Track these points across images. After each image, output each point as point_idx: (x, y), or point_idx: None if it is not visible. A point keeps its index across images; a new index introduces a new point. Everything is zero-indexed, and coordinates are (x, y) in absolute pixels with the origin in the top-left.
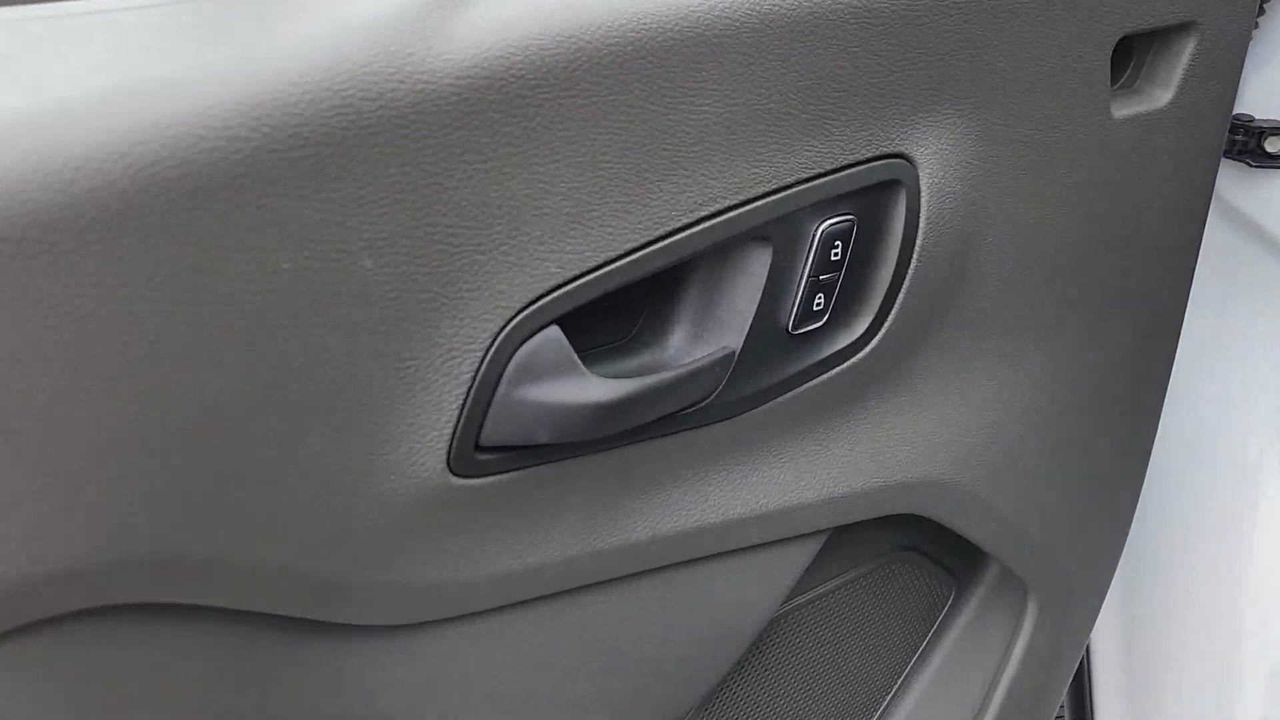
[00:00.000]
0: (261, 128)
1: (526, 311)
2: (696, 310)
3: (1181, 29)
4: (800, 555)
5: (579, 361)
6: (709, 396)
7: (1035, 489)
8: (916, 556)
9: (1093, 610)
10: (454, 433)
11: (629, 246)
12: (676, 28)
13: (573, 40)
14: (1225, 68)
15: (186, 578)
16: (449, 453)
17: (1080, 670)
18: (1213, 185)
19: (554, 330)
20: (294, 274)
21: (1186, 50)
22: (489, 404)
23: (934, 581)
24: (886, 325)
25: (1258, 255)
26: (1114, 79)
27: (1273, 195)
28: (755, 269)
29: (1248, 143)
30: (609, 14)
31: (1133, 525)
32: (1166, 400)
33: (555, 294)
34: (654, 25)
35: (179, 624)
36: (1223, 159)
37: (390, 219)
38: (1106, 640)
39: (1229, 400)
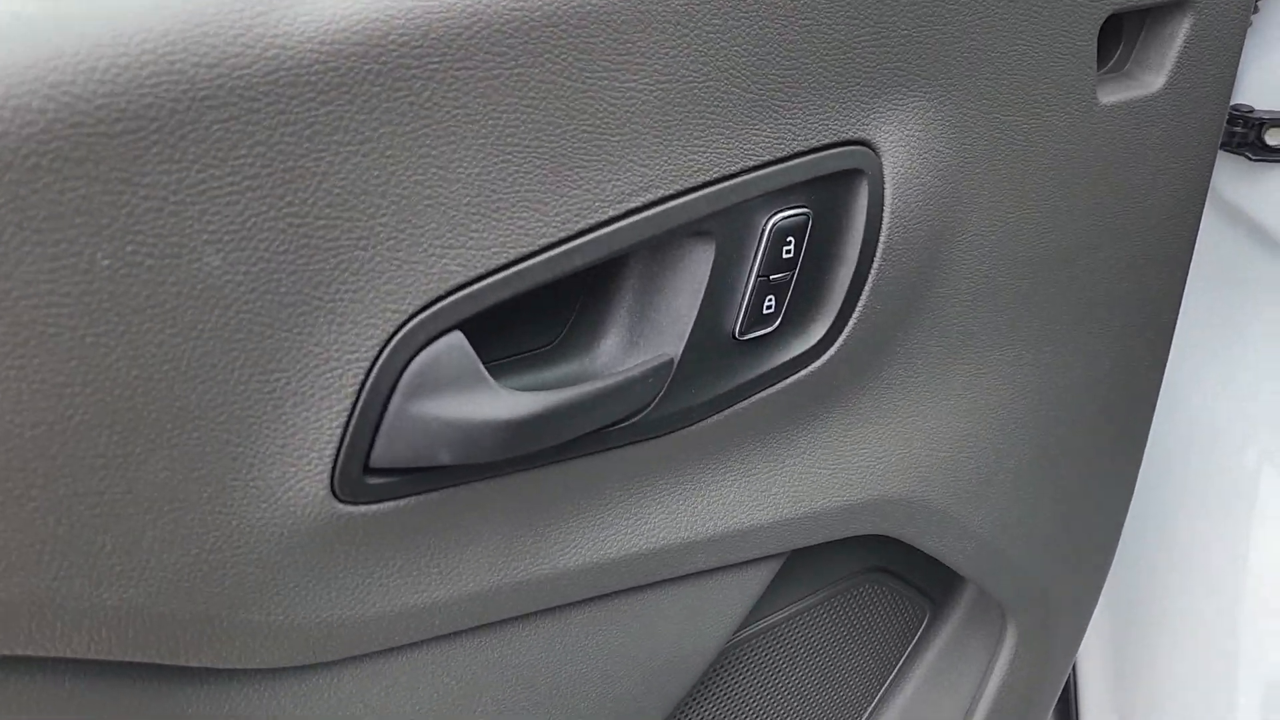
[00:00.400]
0: (60, 98)
1: (422, 315)
2: (631, 313)
3: (1176, 7)
4: (754, 581)
5: (485, 372)
6: (644, 410)
7: (1014, 507)
8: (886, 577)
9: (1076, 634)
10: (338, 454)
11: (545, 242)
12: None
13: (469, 3)
14: (1223, 51)
15: (11, 626)
16: (333, 476)
17: (1066, 684)
18: (1209, 178)
19: (456, 337)
20: (116, 272)
21: (1181, 31)
22: (379, 421)
23: (906, 604)
24: (846, 331)
25: (1256, 254)
26: (1101, 62)
27: (1273, 190)
28: (696, 268)
29: (1247, 135)
30: None
31: (1123, 534)
32: (1159, 405)
33: (456, 295)
34: None
35: (25, 677)
36: (1220, 152)
37: (241, 209)
38: (1094, 653)
39: (1225, 405)
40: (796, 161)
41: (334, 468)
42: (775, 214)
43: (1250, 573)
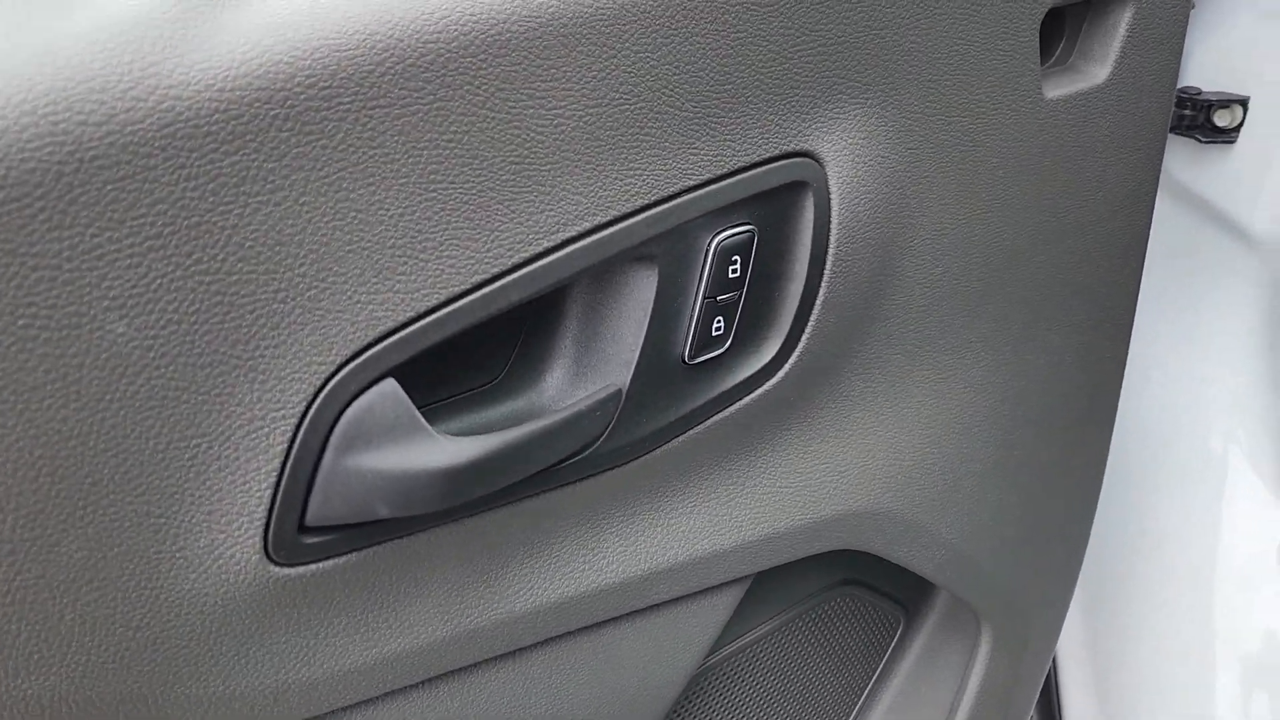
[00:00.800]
0: None
1: (351, 365)
2: (576, 343)
3: None
4: (720, 606)
5: (421, 419)
6: (594, 443)
7: (981, 511)
8: (858, 589)
9: (1052, 633)
10: (270, 515)
11: (478, 279)
12: (513, 20)
13: (379, 39)
14: (1167, 38)
15: None
16: (266, 539)
17: (1048, 679)
18: (1159, 166)
19: (389, 385)
20: (8, 349)
21: (1123, 20)
22: (312, 478)
23: (879, 614)
24: (799, 347)
25: (1209, 234)
26: (1045, 56)
27: (1223, 171)
28: (640, 293)
29: (1195, 117)
30: (426, 6)
31: (1094, 526)
32: (1123, 394)
33: (387, 342)
34: (485, 18)
35: None
36: (1171, 135)
37: (144, 271)
38: (1073, 646)
39: (1186, 389)
40: (738, 178)
41: (267, 530)
42: (719, 233)
43: (1221, 554)
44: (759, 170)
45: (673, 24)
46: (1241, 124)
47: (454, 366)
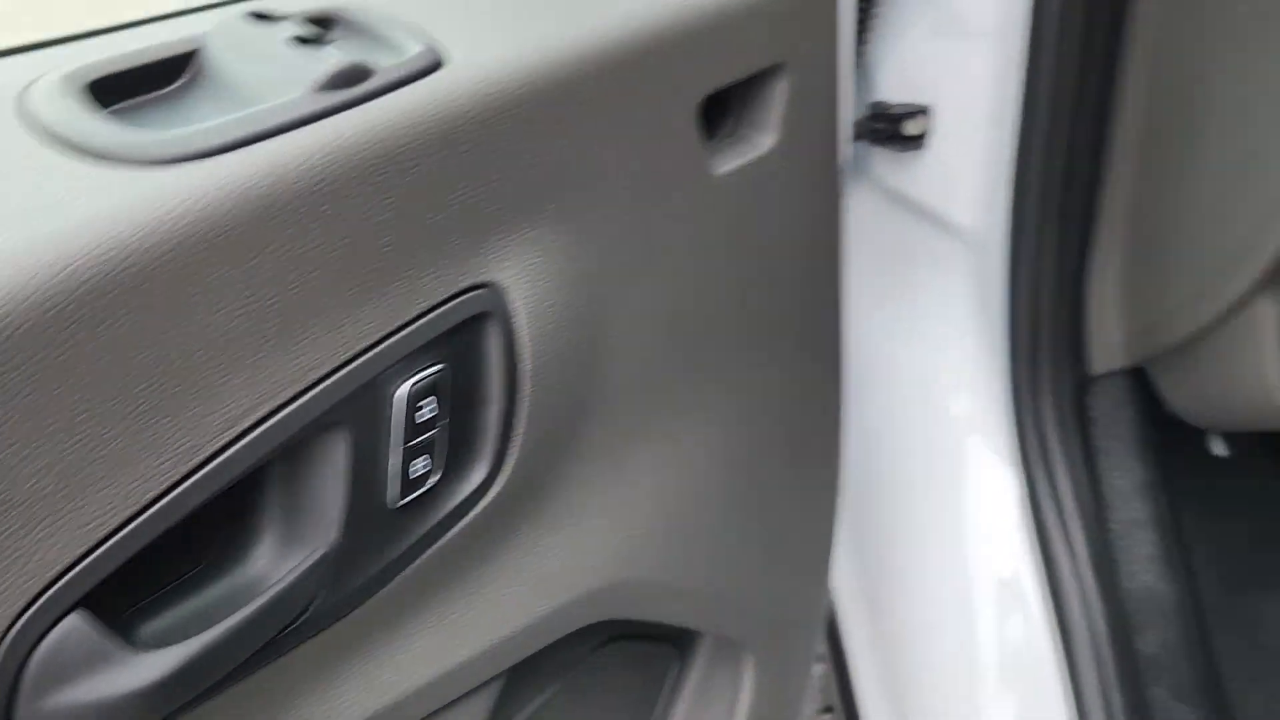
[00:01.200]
0: None
1: (28, 614)
2: (280, 514)
3: (768, 73)
4: (478, 707)
5: (114, 642)
6: (307, 609)
7: (723, 554)
8: (626, 642)
9: (810, 643)
10: None
11: (152, 495)
12: (137, 253)
13: None
14: (823, 100)
15: None
16: None
17: (833, 633)
18: (840, 208)
19: (73, 619)
20: None
21: (778, 92)
22: None
23: (652, 660)
24: (508, 465)
25: (922, 231)
26: (714, 131)
27: (921, 173)
28: (334, 456)
29: (888, 129)
30: (42, 258)
31: (861, 536)
32: (866, 400)
33: (63, 581)
34: (109, 260)
35: None
36: (872, 146)
37: None
38: (853, 603)
39: (919, 379)
40: (414, 326)
41: None
42: (404, 381)
43: (969, 512)
44: (436, 313)
45: (315, 214)
46: (928, 130)
47: (157, 564)
